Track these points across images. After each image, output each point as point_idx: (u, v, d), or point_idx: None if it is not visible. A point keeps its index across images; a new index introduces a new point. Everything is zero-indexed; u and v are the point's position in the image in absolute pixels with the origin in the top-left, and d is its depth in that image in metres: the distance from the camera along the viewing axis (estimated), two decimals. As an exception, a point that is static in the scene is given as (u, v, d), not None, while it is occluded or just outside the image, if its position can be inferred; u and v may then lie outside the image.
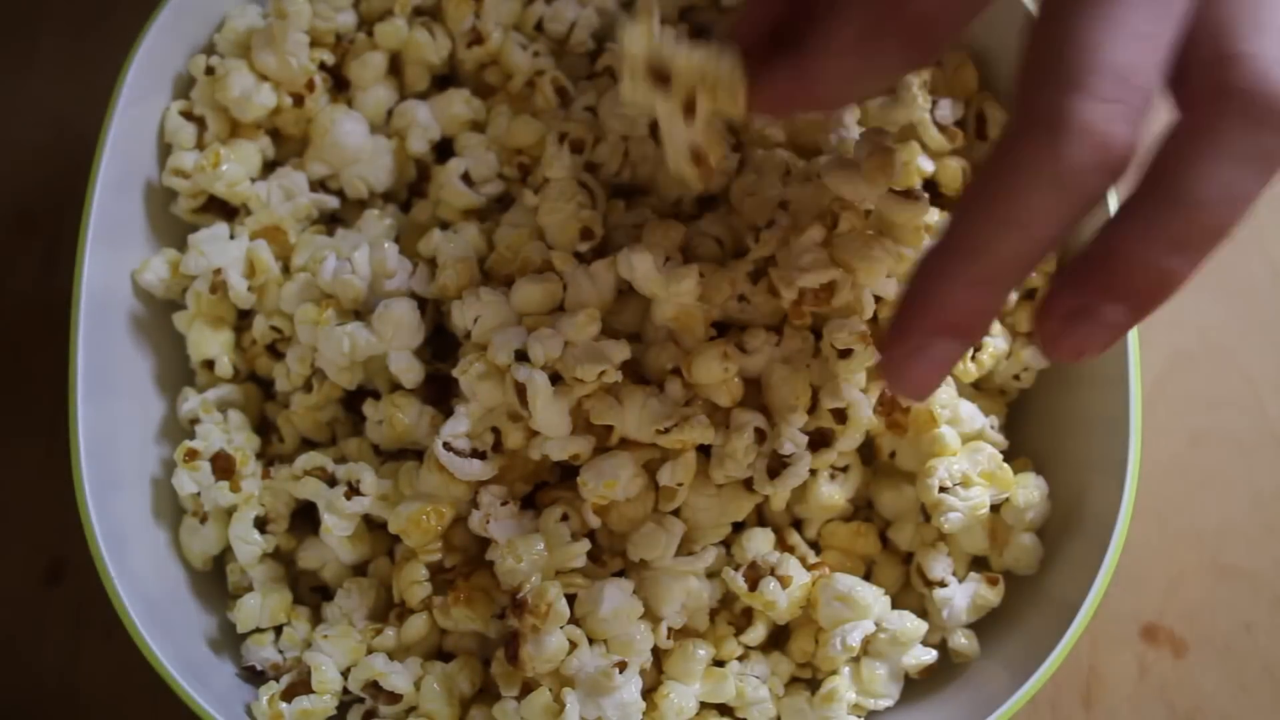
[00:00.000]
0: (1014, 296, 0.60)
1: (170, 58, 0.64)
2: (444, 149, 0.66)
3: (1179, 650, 0.67)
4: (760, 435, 0.54)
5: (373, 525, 0.59)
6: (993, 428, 0.60)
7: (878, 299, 0.56)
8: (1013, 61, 0.66)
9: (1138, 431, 0.55)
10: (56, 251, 0.74)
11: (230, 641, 0.60)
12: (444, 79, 0.68)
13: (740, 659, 0.57)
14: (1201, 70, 0.38)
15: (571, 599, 0.52)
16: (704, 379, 0.54)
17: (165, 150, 0.64)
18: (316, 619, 0.59)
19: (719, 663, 0.56)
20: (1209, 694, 0.66)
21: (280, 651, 0.58)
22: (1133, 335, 0.56)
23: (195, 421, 0.61)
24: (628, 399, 0.54)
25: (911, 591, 0.59)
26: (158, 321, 0.63)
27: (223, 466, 0.58)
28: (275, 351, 0.62)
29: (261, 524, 0.59)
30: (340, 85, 0.66)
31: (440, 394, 0.59)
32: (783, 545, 0.58)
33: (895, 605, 0.56)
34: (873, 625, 0.55)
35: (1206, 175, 0.37)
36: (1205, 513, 0.69)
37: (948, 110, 0.64)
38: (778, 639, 0.58)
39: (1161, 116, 0.39)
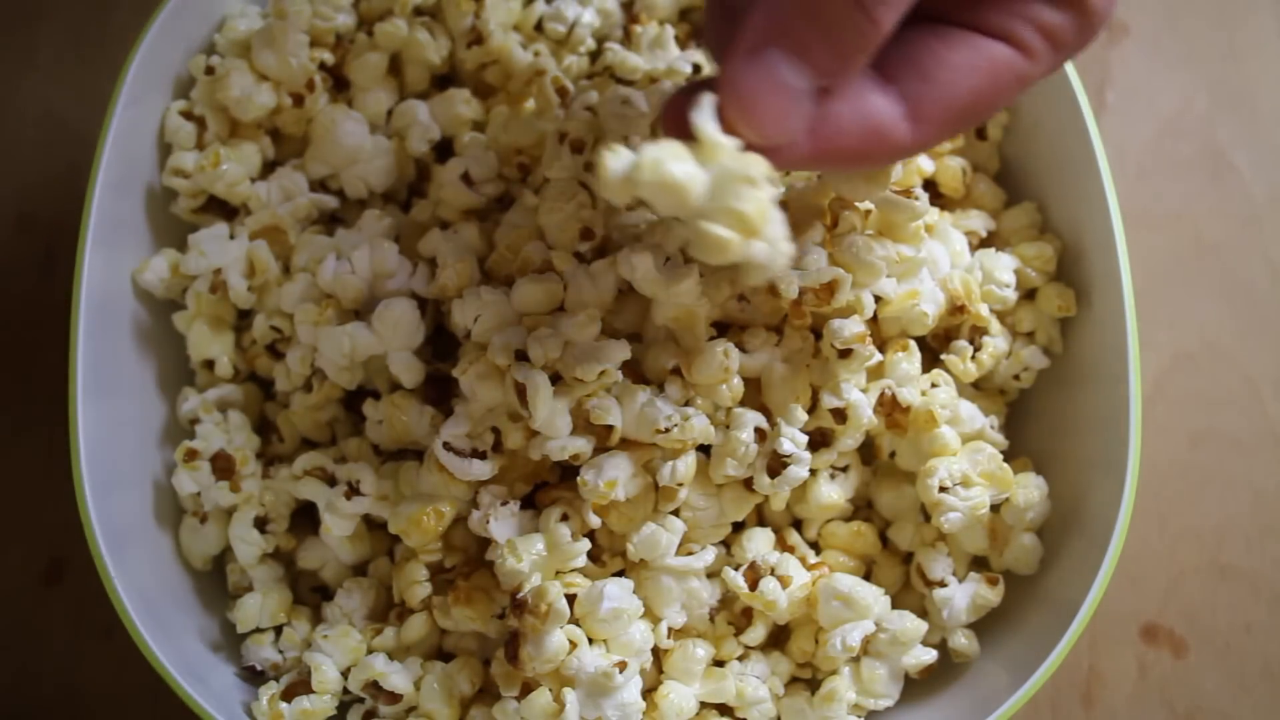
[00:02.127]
0: (1014, 295, 0.60)
1: (170, 58, 0.64)
2: (444, 149, 0.66)
3: (1179, 650, 0.67)
4: (760, 435, 0.54)
5: (373, 525, 0.59)
6: (993, 428, 0.60)
7: (878, 299, 0.56)
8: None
9: (1138, 431, 0.55)
10: (57, 251, 0.74)
11: (230, 641, 0.60)
12: (444, 79, 0.68)
13: (740, 659, 0.57)
14: None
15: (571, 599, 0.52)
16: (704, 379, 0.54)
17: (165, 150, 0.64)
18: (316, 619, 0.59)
19: (719, 663, 0.56)
20: (1209, 694, 0.66)
21: (280, 651, 0.58)
22: (1132, 335, 0.56)
23: (195, 421, 0.61)
24: (628, 399, 0.54)
25: (911, 591, 0.59)
26: (158, 321, 0.63)
27: (223, 466, 0.58)
28: (275, 351, 0.62)
29: (261, 524, 0.59)
30: (340, 85, 0.66)
31: (440, 394, 0.59)
32: (783, 545, 0.58)
33: (895, 605, 0.56)
34: (873, 625, 0.55)
35: None
36: (1205, 513, 0.69)
37: (948, 110, 0.64)
38: (778, 639, 0.58)
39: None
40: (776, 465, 0.54)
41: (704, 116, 0.39)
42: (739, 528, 0.57)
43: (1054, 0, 0.42)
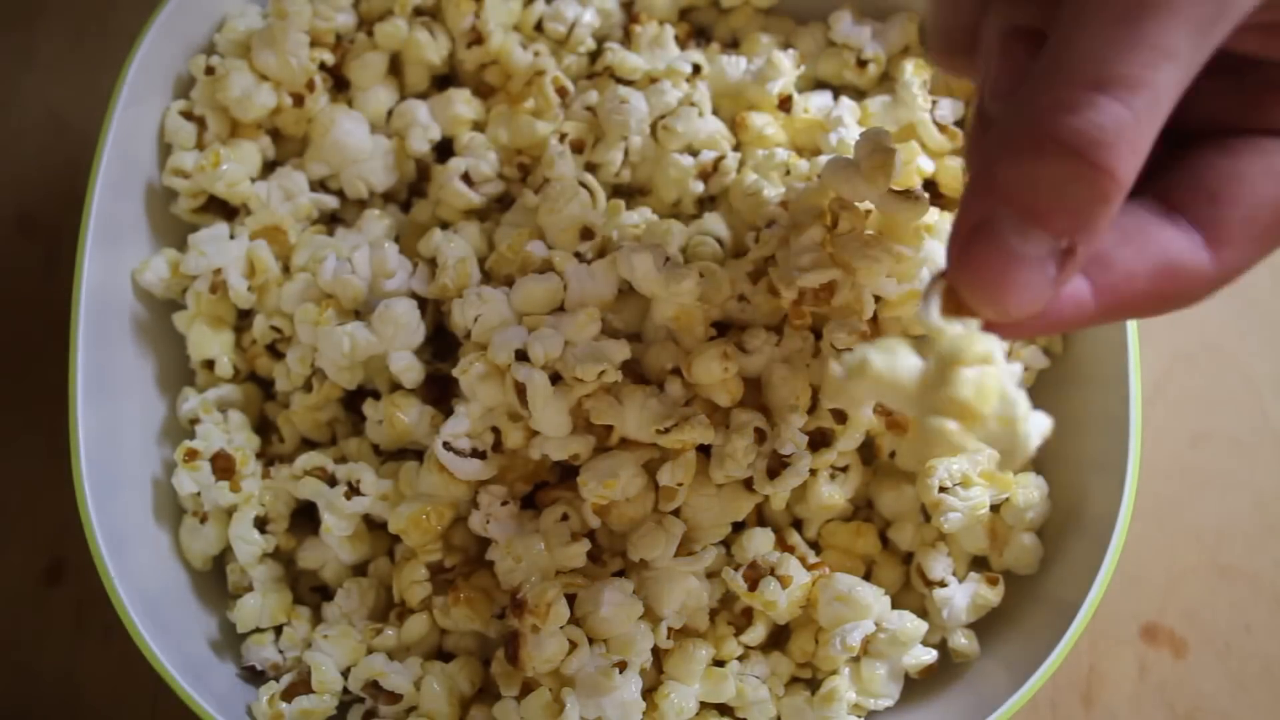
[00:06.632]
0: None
1: (170, 58, 0.64)
2: (444, 149, 0.66)
3: (1179, 650, 0.67)
4: (760, 435, 0.54)
5: (373, 525, 0.59)
6: (993, 428, 0.60)
7: (878, 299, 0.56)
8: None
9: (1138, 431, 0.55)
10: (57, 251, 0.74)
11: (230, 641, 0.60)
12: (444, 79, 0.68)
13: (740, 659, 0.57)
14: None
15: (571, 599, 0.52)
16: (704, 379, 0.54)
17: (165, 150, 0.64)
18: (316, 619, 0.59)
19: (719, 663, 0.56)
20: (1209, 694, 0.66)
21: (280, 651, 0.58)
22: (1133, 335, 0.56)
23: (195, 421, 0.61)
24: (628, 399, 0.54)
25: (911, 591, 0.59)
26: (158, 321, 0.63)
27: (223, 466, 0.58)
28: (275, 351, 0.62)
29: (261, 524, 0.59)
30: (340, 85, 0.66)
31: (440, 394, 0.59)
32: (783, 545, 0.58)
33: (895, 605, 0.56)
34: (873, 625, 0.55)
35: None
36: (1205, 513, 0.69)
37: (948, 110, 0.64)
38: (778, 639, 0.58)
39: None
40: (776, 465, 0.54)
41: (930, 307, 0.37)
42: (739, 528, 0.57)
43: None
